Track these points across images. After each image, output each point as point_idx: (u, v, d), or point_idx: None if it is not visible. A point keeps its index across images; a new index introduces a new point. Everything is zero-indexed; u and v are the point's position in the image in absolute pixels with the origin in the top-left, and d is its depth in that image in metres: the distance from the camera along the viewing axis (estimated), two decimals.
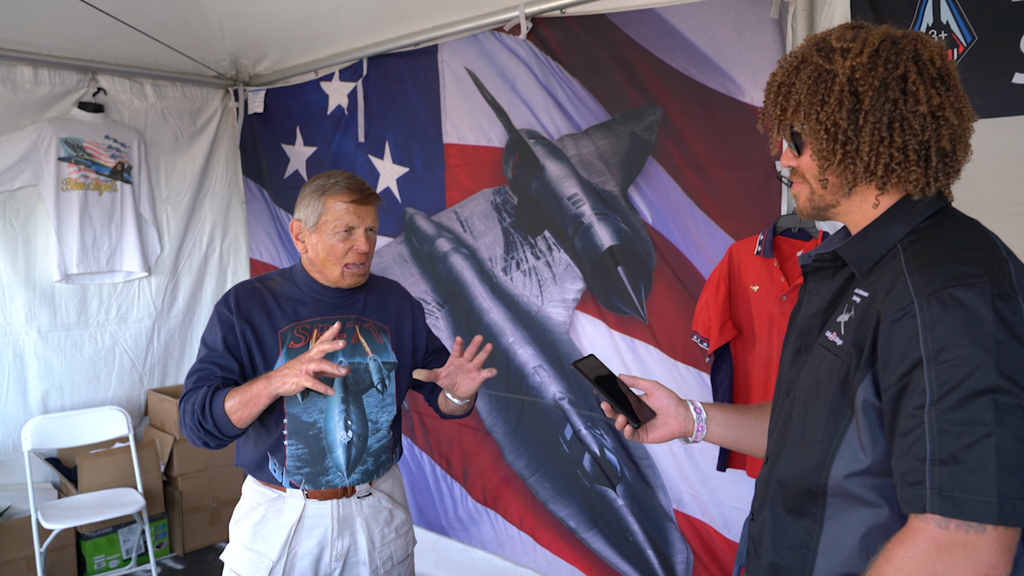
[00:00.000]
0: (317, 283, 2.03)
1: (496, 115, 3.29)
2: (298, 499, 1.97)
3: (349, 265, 1.97)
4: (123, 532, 3.84)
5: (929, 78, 1.09)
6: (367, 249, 1.97)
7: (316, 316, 2.01)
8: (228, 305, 1.97)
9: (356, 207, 1.95)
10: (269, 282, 2.06)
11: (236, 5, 3.45)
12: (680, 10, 2.68)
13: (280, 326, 1.97)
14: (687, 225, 2.77)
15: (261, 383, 1.81)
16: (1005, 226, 2.02)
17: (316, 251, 1.98)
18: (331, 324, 1.99)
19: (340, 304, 2.05)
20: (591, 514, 3.19)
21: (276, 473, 1.97)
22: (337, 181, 1.96)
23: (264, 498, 2.00)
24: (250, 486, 2.06)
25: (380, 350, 2.06)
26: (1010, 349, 0.95)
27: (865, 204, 1.17)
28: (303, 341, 1.97)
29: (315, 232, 1.96)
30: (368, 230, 1.98)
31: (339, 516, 1.99)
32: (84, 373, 3.98)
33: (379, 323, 2.09)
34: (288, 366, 1.79)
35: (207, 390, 1.86)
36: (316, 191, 1.97)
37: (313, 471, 1.96)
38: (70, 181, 3.80)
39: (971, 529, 0.94)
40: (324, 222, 1.94)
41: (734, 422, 1.50)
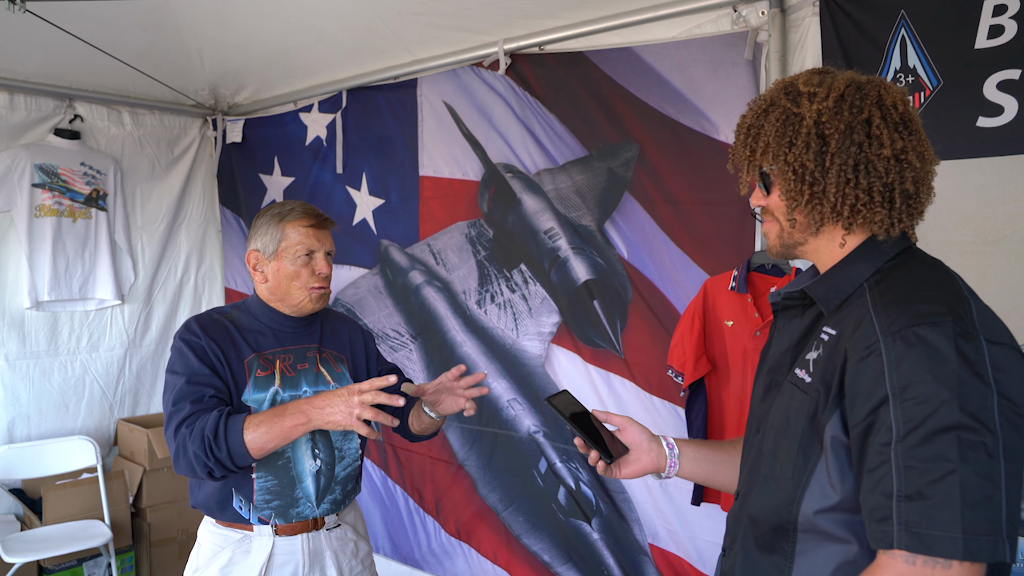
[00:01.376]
0: (277, 313, 2.01)
1: (472, 149, 3.32)
2: (267, 536, 1.93)
3: (313, 288, 1.97)
4: (88, 565, 3.75)
5: (892, 123, 1.12)
6: (328, 272, 1.99)
7: (277, 347, 1.99)
8: (193, 331, 1.92)
9: (315, 231, 1.96)
10: (226, 314, 2.03)
11: (216, 35, 3.46)
12: (656, 49, 2.74)
13: (245, 355, 1.94)
14: (662, 260, 2.79)
15: (297, 417, 1.73)
16: (971, 265, 2.07)
17: (277, 279, 1.96)
18: (293, 354, 2.00)
19: (300, 334, 2.04)
20: (566, 548, 3.17)
21: (243, 511, 1.92)
22: (294, 208, 1.98)
23: (228, 540, 1.94)
24: (210, 529, 1.99)
25: (339, 379, 2.05)
26: (972, 387, 0.97)
27: (832, 243, 1.20)
28: (269, 370, 1.95)
29: (275, 259, 1.96)
30: (328, 254, 1.99)
31: (310, 551, 1.97)
32: (52, 402, 3.91)
33: (336, 352, 2.09)
34: (328, 400, 1.71)
35: (219, 415, 1.77)
36: (273, 219, 1.97)
37: (283, 503, 1.93)
38: (44, 207, 3.76)
39: (937, 565, 0.95)
40: (284, 248, 1.95)
41: (706, 458, 1.51)
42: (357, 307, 3.83)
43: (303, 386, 1.97)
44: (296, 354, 2.01)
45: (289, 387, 1.96)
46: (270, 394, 1.93)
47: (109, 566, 3.62)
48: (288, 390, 1.95)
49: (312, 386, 1.99)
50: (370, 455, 3.85)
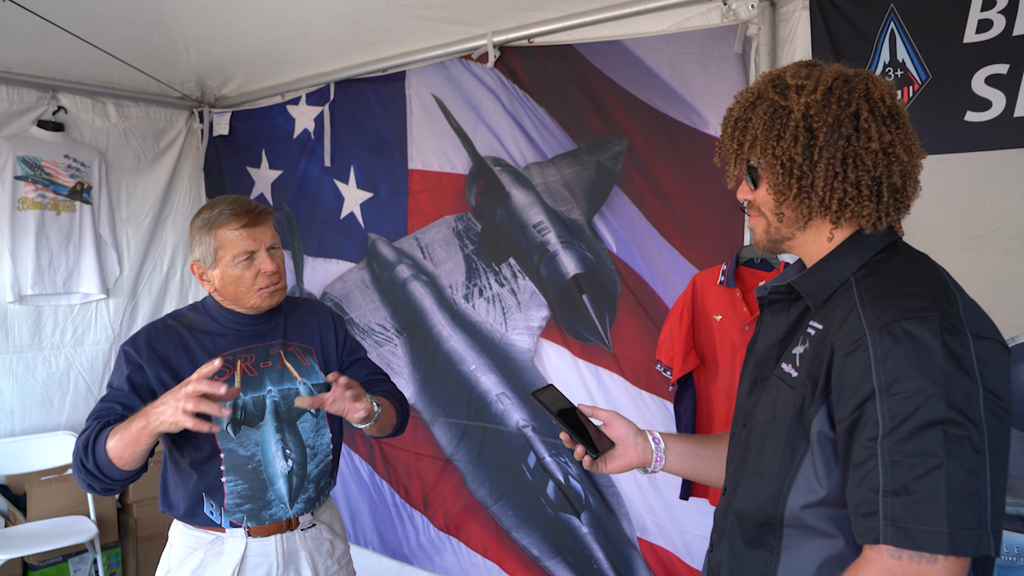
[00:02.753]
0: (234, 312, 1.95)
1: (461, 142, 3.30)
2: (239, 538, 1.90)
3: (262, 289, 1.90)
4: (74, 562, 3.72)
5: (880, 116, 1.12)
6: (274, 268, 1.90)
7: (238, 347, 1.94)
8: (136, 347, 1.87)
9: (249, 230, 1.87)
10: (182, 318, 1.97)
11: (202, 27, 3.43)
12: (646, 42, 2.73)
13: (200, 362, 1.86)
14: (651, 254, 2.79)
15: (139, 421, 1.64)
16: (958, 259, 2.07)
17: (224, 286, 1.90)
18: (255, 353, 1.94)
19: (261, 331, 1.98)
20: (554, 542, 3.17)
21: (214, 516, 1.89)
22: (222, 210, 1.87)
23: (200, 542, 1.91)
24: (180, 531, 1.95)
25: (308, 372, 2.00)
26: (958, 381, 0.97)
27: (819, 238, 1.19)
28: (228, 374, 1.89)
29: (216, 267, 1.88)
30: (270, 248, 1.90)
31: (284, 551, 1.94)
32: (36, 397, 3.88)
33: (303, 345, 2.03)
34: (164, 400, 1.62)
35: (96, 426, 1.74)
36: (204, 227, 1.88)
37: (255, 506, 1.89)
38: (27, 200, 3.72)
39: (923, 559, 0.95)
40: (221, 256, 1.86)
41: (692, 452, 1.50)
42: (344, 301, 3.81)
43: (267, 385, 1.92)
44: (258, 352, 1.95)
45: (252, 388, 1.90)
46: (230, 400, 1.83)
47: (95, 562, 3.60)
48: (250, 392, 1.90)
49: (277, 384, 1.93)
50: (357, 449, 3.83)
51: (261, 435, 1.90)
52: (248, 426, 1.88)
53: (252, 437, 1.89)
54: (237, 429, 1.87)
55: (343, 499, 3.95)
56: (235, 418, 1.87)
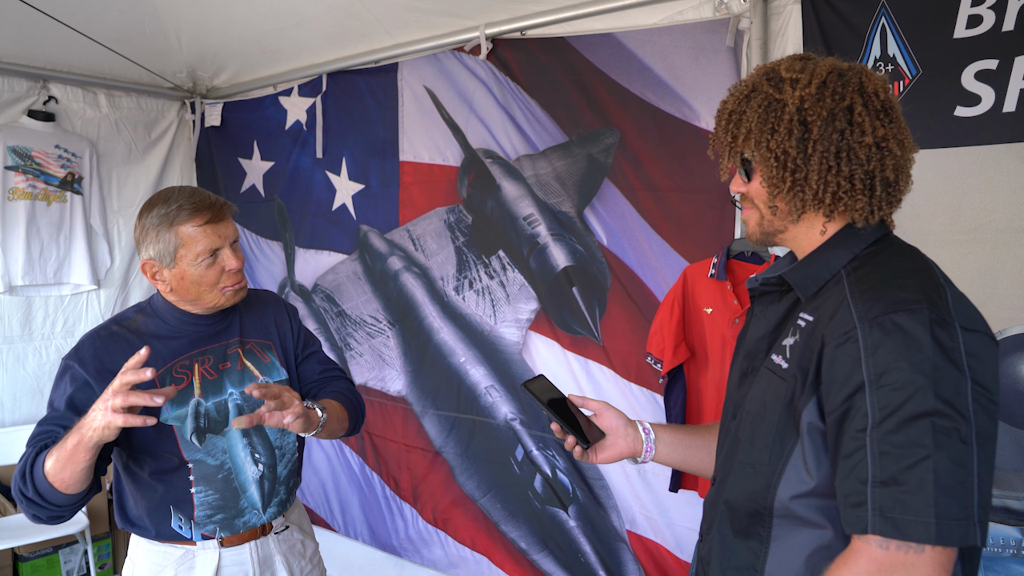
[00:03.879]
0: (186, 313, 1.82)
1: (453, 134, 3.30)
2: (211, 550, 1.81)
3: (227, 287, 1.78)
4: (64, 553, 3.72)
5: (874, 110, 1.12)
6: (239, 266, 1.78)
7: (194, 349, 1.81)
8: (82, 360, 1.71)
9: (213, 226, 1.73)
10: (127, 323, 1.82)
11: (195, 17, 3.41)
12: (638, 35, 2.73)
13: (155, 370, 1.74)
14: (642, 247, 2.80)
15: (73, 437, 1.51)
16: (948, 253, 2.09)
17: (183, 285, 1.75)
18: (212, 355, 1.82)
19: (217, 330, 1.86)
20: (542, 535, 3.18)
21: (183, 530, 1.79)
22: (181, 205, 1.71)
23: (168, 558, 1.80)
24: (144, 547, 1.83)
25: (268, 369, 1.91)
26: (947, 373, 0.98)
27: (812, 231, 1.20)
28: (186, 380, 1.77)
29: (175, 267, 1.73)
30: (233, 244, 1.78)
31: (259, 558, 1.87)
32: (27, 388, 3.86)
33: (261, 340, 1.93)
34: (94, 407, 1.49)
35: (31, 452, 1.60)
36: (162, 223, 1.71)
37: (227, 516, 1.81)
38: (17, 191, 3.70)
39: (910, 549, 0.96)
40: (183, 255, 1.72)
41: (682, 443, 1.51)
42: (336, 292, 3.81)
43: (228, 388, 1.82)
44: (216, 353, 1.84)
45: (212, 393, 1.80)
46: (191, 408, 1.76)
47: (86, 553, 3.59)
48: (211, 397, 1.79)
49: (237, 385, 1.83)
50: (348, 441, 3.84)
51: (227, 442, 1.81)
52: (213, 433, 1.78)
53: (219, 445, 1.80)
54: (202, 438, 1.77)
55: (334, 490, 3.95)
56: (198, 426, 1.76)
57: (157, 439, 1.73)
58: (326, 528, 4.01)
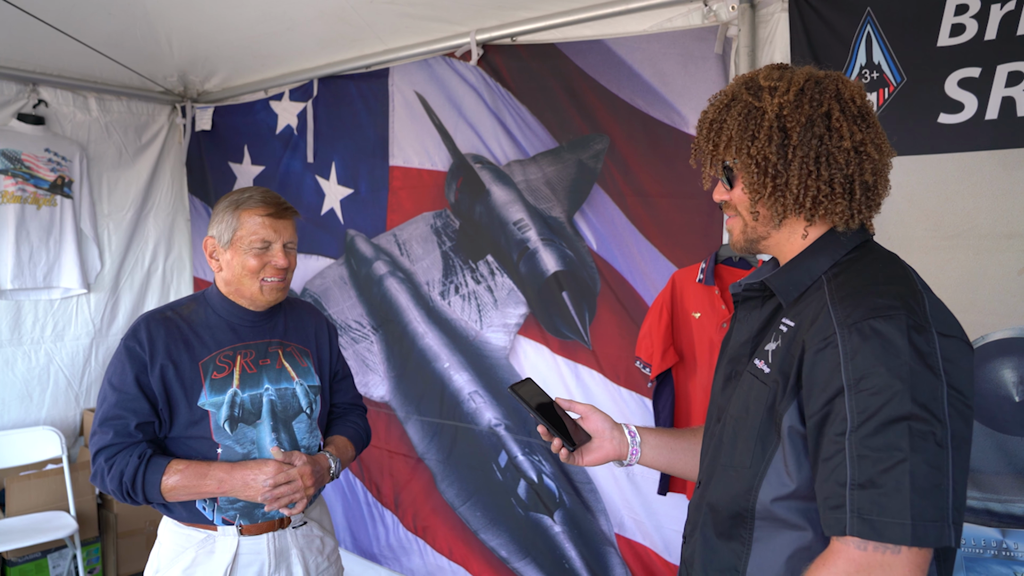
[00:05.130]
0: (236, 306, 1.95)
1: (442, 139, 3.31)
2: (231, 536, 1.89)
3: (266, 281, 1.90)
4: (53, 557, 3.71)
5: (851, 115, 1.14)
6: (285, 264, 1.91)
7: (238, 342, 1.93)
8: (139, 340, 1.84)
9: (272, 220, 1.88)
10: (181, 309, 1.95)
11: (186, 21, 3.42)
12: (628, 42, 2.75)
13: (200, 357, 1.88)
14: (631, 252, 2.81)
15: (213, 485, 1.80)
16: (931, 259, 2.12)
17: (231, 269, 1.89)
18: (254, 349, 1.94)
19: (261, 328, 1.98)
20: (524, 543, 3.17)
21: (206, 511, 1.88)
22: (252, 195, 1.90)
23: (191, 540, 1.90)
24: (171, 529, 1.94)
25: (304, 374, 2.01)
26: (923, 378, 1.00)
27: (794, 236, 1.21)
28: (227, 369, 1.89)
29: (230, 248, 1.88)
30: (286, 245, 1.91)
31: (275, 549, 1.94)
32: (16, 391, 3.85)
33: (301, 346, 2.04)
34: (245, 482, 1.80)
35: (139, 463, 1.78)
36: (230, 206, 1.89)
37: (248, 504, 1.88)
38: (6, 194, 3.70)
39: (887, 550, 0.98)
40: (239, 237, 1.87)
41: (668, 446, 1.53)
42: (323, 297, 3.82)
43: (264, 383, 1.93)
44: (257, 349, 1.96)
45: (249, 386, 1.91)
46: (228, 397, 1.87)
47: (75, 558, 3.58)
48: (248, 389, 1.91)
49: (274, 383, 1.94)
50: None
51: (257, 433, 1.90)
52: (245, 424, 1.88)
53: (248, 435, 1.89)
54: (234, 426, 1.87)
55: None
56: (232, 415, 1.87)
57: (192, 422, 1.86)
58: None
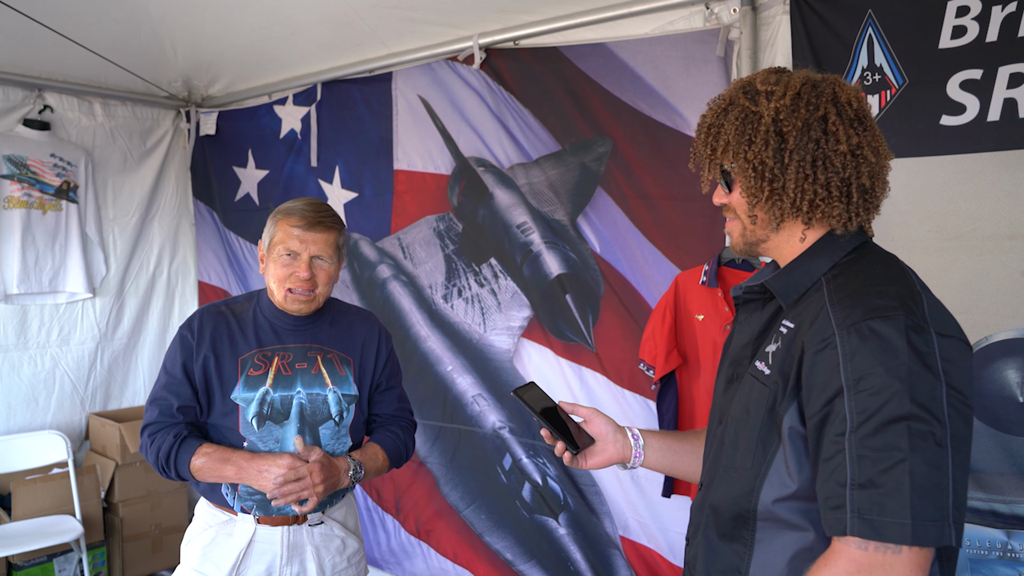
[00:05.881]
0: (280, 309, 2.01)
1: (445, 142, 3.32)
2: (249, 523, 1.97)
3: (292, 290, 1.94)
4: (59, 561, 3.72)
5: (847, 119, 1.15)
6: (307, 276, 1.93)
7: (277, 343, 2.00)
8: (192, 330, 1.97)
9: (302, 232, 1.92)
10: (235, 306, 2.05)
11: (190, 27, 3.44)
12: (630, 45, 2.76)
13: (241, 352, 1.96)
14: (634, 255, 2.82)
15: (231, 470, 1.88)
16: (934, 260, 2.12)
17: (268, 275, 1.98)
18: (293, 352, 2.00)
19: (303, 332, 2.03)
20: (529, 545, 3.17)
21: (228, 497, 1.97)
22: (294, 205, 1.96)
23: (215, 520, 2.00)
24: (203, 507, 2.05)
25: (341, 382, 2.03)
26: (922, 378, 1.00)
27: (792, 239, 1.22)
28: (263, 368, 1.96)
29: (268, 255, 1.98)
30: (316, 258, 1.94)
31: (289, 543, 1.98)
32: (22, 396, 3.87)
33: (342, 354, 2.06)
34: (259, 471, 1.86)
35: (174, 441, 1.90)
36: (276, 213, 1.98)
37: (264, 498, 1.92)
38: (12, 199, 3.72)
39: (888, 550, 0.98)
40: (273, 245, 1.95)
41: (671, 448, 1.53)
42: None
43: (297, 386, 1.97)
44: (296, 352, 2.00)
45: (282, 387, 1.96)
46: (259, 394, 1.94)
47: (80, 562, 3.59)
48: (280, 390, 1.95)
49: (307, 388, 1.98)
50: None
51: (283, 433, 1.95)
52: (272, 422, 1.94)
53: (274, 434, 1.95)
54: (261, 423, 1.93)
55: None
56: (260, 412, 1.93)
57: (224, 413, 1.95)
58: None
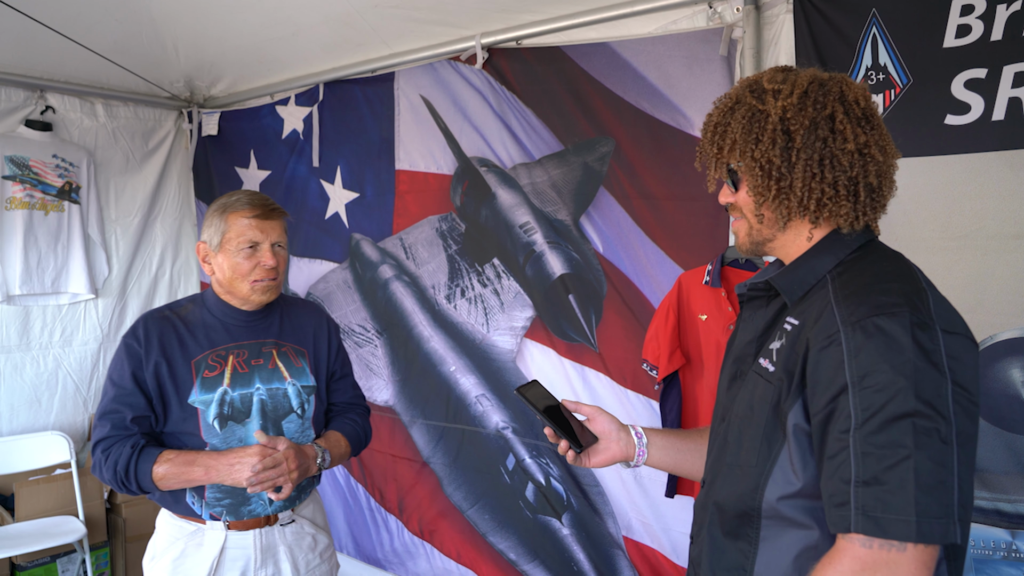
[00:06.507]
0: (230, 307, 1.99)
1: (447, 142, 3.32)
2: (219, 531, 1.93)
3: (256, 281, 1.93)
4: (62, 562, 3.72)
5: (855, 118, 1.14)
6: (274, 264, 1.93)
7: (231, 342, 1.97)
8: (137, 338, 1.91)
9: (259, 222, 1.91)
10: (179, 309, 2.00)
11: (192, 27, 3.44)
12: (633, 45, 2.75)
13: (194, 355, 1.92)
14: (637, 255, 2.81)
15: (199, 471, 1.82)
16: (939, 260, 2.11)
17: (223, 271, 1.93)
18: (247, 349, 1.97)
19: (255, 328, 2.01)
20: (532, 545, 3.17)
21: (195, 506, 1.93)
22: (239, 198, 1.94)
23: (182, 532, 1.95)
24: (166, 520, 2.00)
25: (299, 374, 2.02)
26: (927, 375, 0.99)
27: (799, 238, 1.21)
28: (218, 368, 1.93)
29: (220, 252, 1.92)
30: (275, 245, 1.94)
31: (262, 545, 1.96)
32: (25, 397, 3.87)
33: (296, 346, 2.06)
34: (231, 465, 1.81)
35: (132, 453, 1.83)
36: (218, 209, 1.94)
37: (234, 502, 1.92)
38: (14, 200, 3.72)
39: (893, 548, 0.97)
40: (227, 240, 1.91)
41: (674, 446, 1.53)
42: (326, 301, 3.82)
43: (256, 383, 1.95)
44: (251, 349, 1.98)
45: (240, 385, 1.94)
46: (218, 395, 1.91)
47: (83, 562, 3.59)
48: (238, 388, 1.93)
49: (266, 383, 1.96)
50: None
51: (246, 432, 1.92)
52: (235, 422, 1.91)
53: (236, 433, 1.91)
54: (223, 424, 1.90)
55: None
56: (221, 413, 1.90)
57: (183, 418, 1.90)
58: None
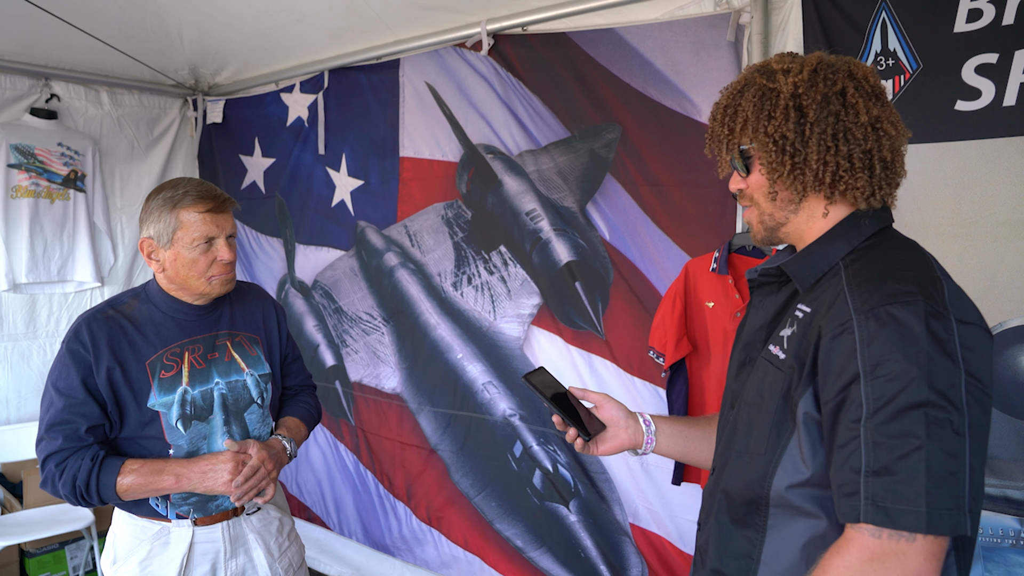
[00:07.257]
0: (179, 301, 1.89)
1: (453, 130, 3.30)
2: (185, 528, 1.88)
3: (214, 276, 1.85)
4: (70, 548, 3.74)
5: (865, 93, 1.14)
6: (232, 258, 1.86)
7: (184, 338, 1.88)
8: (83, 343, 1.78)
9: (213, 216, 1.81)
10: (122, 307, 1.88)
11: (196, 15, 3.42)
12: (639, 31, 2.73)
13: (147, 356, 1.82)
14: (644, 242, 2.80)
15: (170, 481, 1.76)
16: (949, 246, 2.10)
17: (175, 268, 1.83)
18: (202, 344, 1.90)
19: (206, 321, 1.93)
20: (540, 532, 3.17)
21: (159, 508, 1.86)
22: (188, 191, 1.81)
23: (146, 532, 1.88)
24: (125, 521, 1.91)
25: (254, 363, 1.98)
26: (941, 365, 0.98)
27: (814, 218, 1.20)
28: (175, 368, 1.84)
29: (170, 248, 1.81)
30: (229, 237, 1.86)
31: (231, 536, 1.94)
32: (32, 385, 3.88)
33: (249, 334, 2.01)
34: (203, 473, 1.78)
35: (92, 465, 1.73)
36: (165, 204, 1.80)
37: (201, 499, 1.87)
38: (20, 188, 3.72)
39: (902, 538, 0.97)
40: (179, 237, 1.80)
41: (682, 434, 1.52)
42: (333, 289, 3.82)
43: (214, 378, 1.90)
44: (205, 343, 1.91)
45: (199, 382, 1.87)
46: (178, 395, 1.83)
47: (92, 549, 3.61)
48: (198, 386, 1.87)
49: (224, 377, 1.91)
50: (343, 439, 3.85)
51: (209, 429, 1.88)
52: (198, 420, 1.86)
53: (201, 431, 1.87)
54: (187, 424, 1.84)
55: (329, 488, 3.96)
56: (184, 413, 1.84)
57: (142, 423, 1.81)
58: (322, 526, 4.02)
